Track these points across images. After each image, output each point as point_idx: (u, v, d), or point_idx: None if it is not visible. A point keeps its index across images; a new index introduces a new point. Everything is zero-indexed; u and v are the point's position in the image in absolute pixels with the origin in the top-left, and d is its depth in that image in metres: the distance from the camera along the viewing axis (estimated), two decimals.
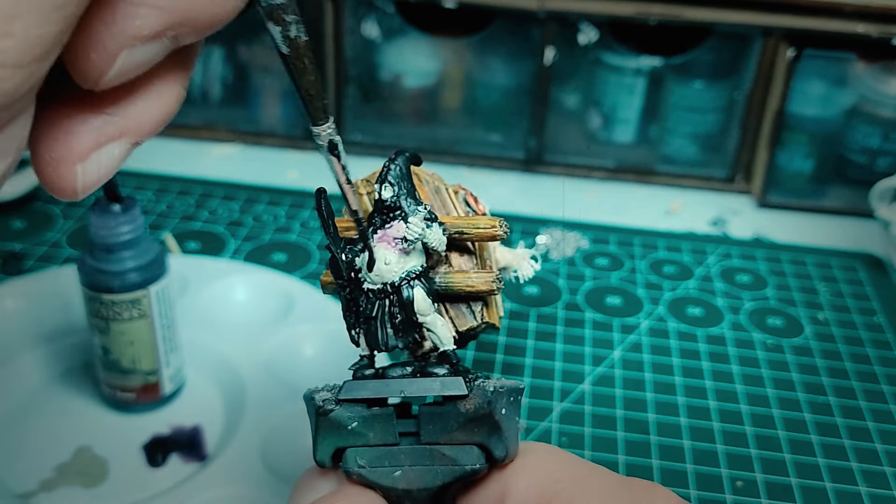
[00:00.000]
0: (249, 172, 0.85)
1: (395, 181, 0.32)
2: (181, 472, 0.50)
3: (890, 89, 0.80)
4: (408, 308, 0.31)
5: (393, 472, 0.30)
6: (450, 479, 0.30)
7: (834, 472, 0.54)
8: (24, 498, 0.48)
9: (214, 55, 0.88)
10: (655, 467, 0.53)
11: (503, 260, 0.36)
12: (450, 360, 0.32)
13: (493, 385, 0.30)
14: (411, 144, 0.88)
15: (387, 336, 0.31)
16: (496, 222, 0.32)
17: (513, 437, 0.31)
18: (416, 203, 0.32)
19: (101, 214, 0.48)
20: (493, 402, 0.30)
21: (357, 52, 0.85)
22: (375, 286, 0.31)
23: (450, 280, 0.32)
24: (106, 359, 0.52)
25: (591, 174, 0.88)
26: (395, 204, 0.32)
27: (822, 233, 0.81)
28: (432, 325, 0.32)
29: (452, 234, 0.32)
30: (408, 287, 0.31)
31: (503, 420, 0.30)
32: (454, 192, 0.34)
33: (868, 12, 0.76)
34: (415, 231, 0.30)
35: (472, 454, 0.30)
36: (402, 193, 0.32)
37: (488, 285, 0.32)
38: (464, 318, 0.33)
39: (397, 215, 0.31)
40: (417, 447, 0.31)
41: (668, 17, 0.79)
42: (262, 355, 0.57)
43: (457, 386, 0.30)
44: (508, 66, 0.85)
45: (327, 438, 0.31)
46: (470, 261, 0.33)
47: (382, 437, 0.30)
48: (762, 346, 0.65)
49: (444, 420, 0.30)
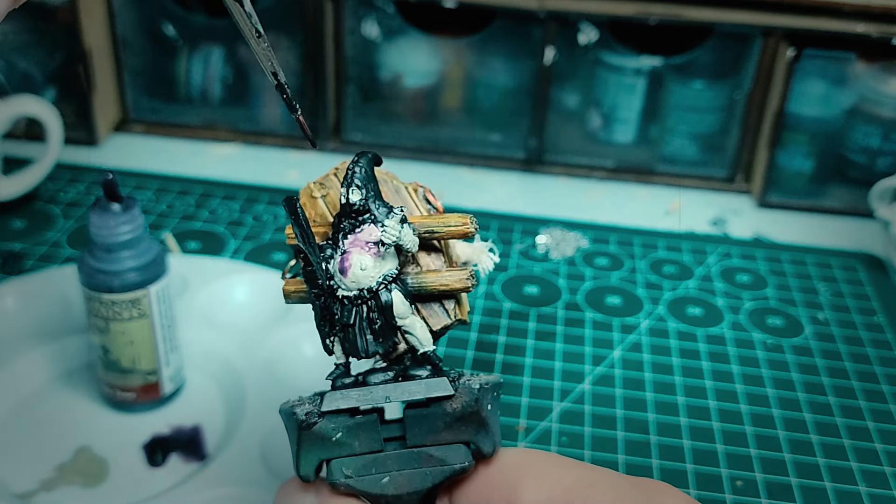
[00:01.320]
0: (249, 172, 0.85)
1: (362, 184, 0.31)
2: (181, 472, 0.50)
3: (890, 89, 0.80)
4: (387, 312, 0.31)
5: (381, 479, 0.30)
6: (439, 480, 0.30)
7: (834, 472, 0.54)
8: (25, 498, 0.48)
9: (214, 55, 0.88)
10: (655, 467, 0.53)
11: (463, 255, 0.36)
12: (432, 361, 0.31)
13: (479, 382, 0.30)
14: (411, 144, 0.88)
15: (367, 343, 0.31)
16: (467, 219, 0.32)
17: (497, 432, 0.31)
18: (384, 204, 0.31)
19: (101, 214, 0.48)
20: (481, 400, 0.30)
21: (357, 52, 0.85)
22: (351, 293, 0.31)
23: (423, 280, 0.32)
24: (106, 358, 0.52)
25: (591, 174, 0.88)
26: (363, 207, 0.31)
27: (822, 233, 0.81)
28: (411, 328, 0.31)
29: (422, 233, 0.32)
30: (386, 291, 0.31)
31: (489, 416, 0.30)
32: (413, 191, 0.34)
33: (868, 12, 0.76)
34: (392, 234, 0.30)
35: (461, 452, 0.30)
36: (369, 196, 0.31)
37: (463, 283, 0.32)
38: (437, 317, 0.32)
39: (367, 219, 0.31)
40: (404, 451, 0.30)
41: (668, 17, 0.79)
42: (262, 355, 0.57)
43: (443, 387, 0.30)
44: (508, 66, 0.85)
45: (311, 452, 0.30)
46: (438, 259, 0.33)
47: (368, 444, 0.30)
48: (762, 346, 0.65)
49: (431, 421, 0.30)
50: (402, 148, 0.88)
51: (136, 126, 0.91)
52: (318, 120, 0.88)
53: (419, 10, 0.83)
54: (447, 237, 0.32)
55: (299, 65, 0.85)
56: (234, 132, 0.90)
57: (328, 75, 0.86)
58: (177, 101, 0.90)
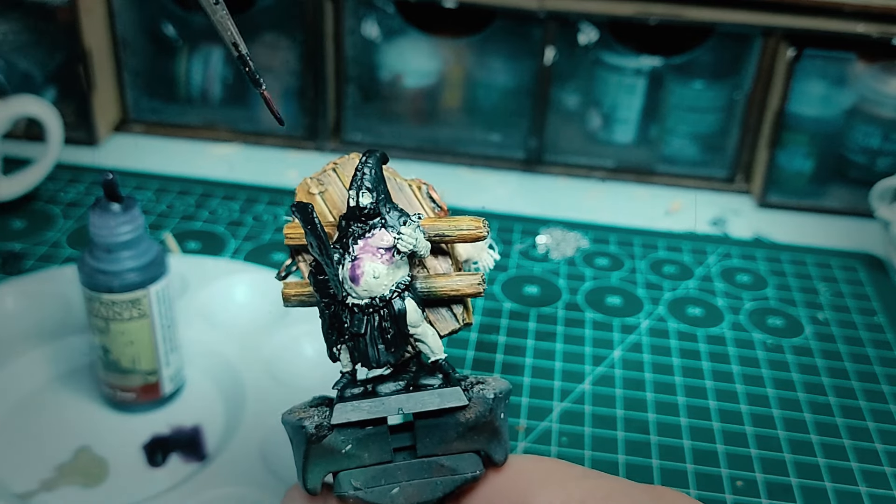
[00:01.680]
0: (249, 172, 0.85)
1: (372, 186, 0.29)
2: (181, 472, 0.50)
3: (890, 89, 0.80)
4: (400, 321, 0.29)
5: (391, 490, 0.29)
6: (450, 489, 0.29)
7: (834, 472, 0.54)
8: (25, 497, 0.48)
9: (214, 55, 0.88)
10: (655, 467, 0.53)
11: (464, 253, 0.34)
12: (444, 370, 0.30)
13: (493, 391, 0.29)
14: (411, 144, 0.88)
15: (378, 352, 0.30)
16: (480, 222, 0.30)
17: (507, 439, 0.30)
18: (395, 207, 0.30)
19: (101, 214, 0.48)
20: (495, 409, 0.29)
21: (357, 52, 0.85)
22: (361, 301, 0.29)
23: (432, 285, 0.30)
24: (106, 359, 0.52)
25: (591, 174, 0.88)
26: (374, 211, 0.29)
27: (822, 233, 0.81)
28: (423, 336, 0.30)
29: (433, 236, 0.30)
30: (399, 299, 0.29)
31: (502, 425, 0.29)
32: (417, 188, 0.32)
33: (868, 12, 0.76)
34: (409, 242, 0.29)
35: (472, 461, 0.29)
36: (380, 199, 0.29)
37: (474, 288, 0.30)
38: (445, 321, 0.31)
39: (377, 223, 0.29)
40: (414, 461, 0.29)
41: (668, 17, 0.79)
42: (262, 355, 0.56)
43: (456, 397, 0.29)
44: (508, 66, 0.85)
45: (319, 465, 0.29)
46: (445, 261, 0.31)
47: (377, 455, 0.29)
48: (762, 346, 0.65)
49: (443, 431, 0.29)
50: (402, 148, 0.88)
51: (136, 126, 0.91)
52: (318, 120, 0.88)
53: (419, 10, 0.83)
54: (459, 241, 0.30)
55: (299, 65, 0.85)
56: (234, 132, 0.90)
57: (328, 75, 0.86)
58: (177, 101, 0.90)
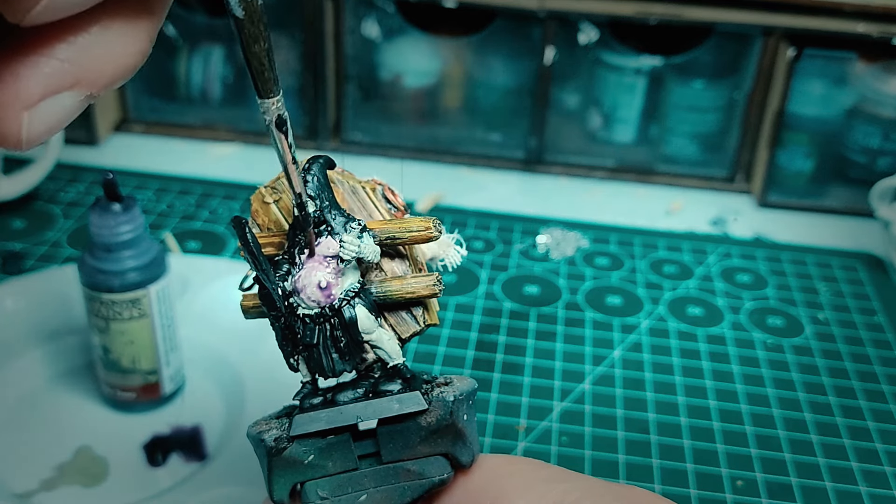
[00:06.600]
0: (249, 172, 0.85)
1: (315, 194, 0.29)
2: (181, 472, 0.50)
3: (890, 89, 0.80)
4: (352, 329, 0.29)
5: (358, 497, 0.29)
6: (418, 494, 0.29)
7: (834, 471, 0.54)
8: (25, 497, 0.48)
9: (215, 55, 0.88)
10: (655, 467, 0.53)
11: (428, 251, 0.33)
12: (402, 374, 0.30)
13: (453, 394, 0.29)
14: (411, 144, 0.88)
15: (332, 362, 0.30)
16: (430, 223, 0.29)
17: (475, 440, 0.30)
18: (341, 213, 0.29)
19: (101, 214, 0.48)
20: (455, 412, 0.29)
21: (357, 51, 0.85)
22: (312, 311, 0.29)
23: (387, 288, 0.30)
24: (106, 358, 0.52)
25: (591, 174, 0.88)
26: (319, 218, 0.29)
27: (823, 233, 0.81)
28: (378, 342, 0.30)
29: (384, 239, 0.29)
30: (349, 307, 0.29)
31: (466, 426, 0.29)
32: (371, 190, 0.32)
33: (868, 12, 0.76)
34: (351, 250, 0.28)
35: (439, 464, 0.29)
36: (324, 206, 0.29)
37: (430, 289, 0.30)
38: (406, 324, 0.30)
39: (323, 230, 0.29)
40: (380, 468, 0.29)
41: (668, 17, 0.79)
42: (262, 355, 0.56)
43: (415, 401, 0.29)
44: (508, 65, 0.85)
45: (283, 476, 0.29)
46: (402, 263, 0.31)
47: (342, 464, 0.29)
48: (762, 346, 0.65)
49: (406, 436, 0.29)
50: (402, 148, 0.88)
51: (136, 126, 0.91)
52: (319, 119, 0.88)
53: (419, 10, 0.83)
54: (409, 242, 0.30)
55: (299, 65, 0.85)
56: (234, 132, 0.90)
57: (328, 75, 0.86)
58: (177, 101, 0.90)
